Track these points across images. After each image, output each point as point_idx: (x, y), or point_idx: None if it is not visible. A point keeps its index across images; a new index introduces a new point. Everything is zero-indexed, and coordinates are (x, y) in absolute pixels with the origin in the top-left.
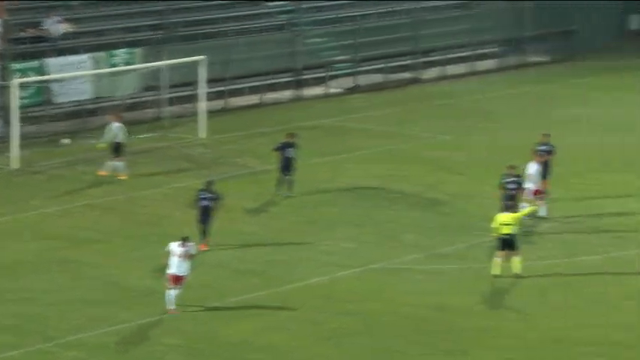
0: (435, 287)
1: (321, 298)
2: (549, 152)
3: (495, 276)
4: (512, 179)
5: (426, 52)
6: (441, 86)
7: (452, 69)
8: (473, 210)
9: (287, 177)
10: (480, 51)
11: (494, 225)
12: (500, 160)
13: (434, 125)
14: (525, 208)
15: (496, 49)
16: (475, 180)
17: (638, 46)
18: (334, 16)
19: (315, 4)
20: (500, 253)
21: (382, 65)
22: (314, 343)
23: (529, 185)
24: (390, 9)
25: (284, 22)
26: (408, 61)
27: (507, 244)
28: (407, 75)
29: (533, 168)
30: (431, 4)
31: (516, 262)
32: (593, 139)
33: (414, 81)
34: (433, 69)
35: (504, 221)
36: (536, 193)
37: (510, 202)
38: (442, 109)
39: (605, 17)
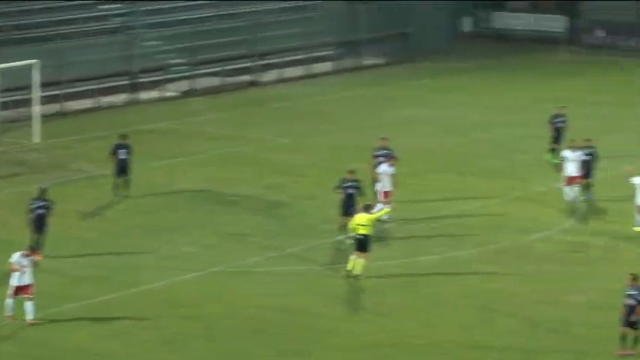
0: (278, 289)
1: (163, 302)
2: (388, 157)
3: (348, 272)
4: (350, 184)
5: (264, 55)
6: (279, 89)
7: (289, 72)
8: (313, 212)
9: (123, 179)
10: (316, 54)
11: (351, 225)
12: (339, 161)
13: (272, 128)
14: (380, 210)
15: (332, 52)
16: (315, 182)
17: (471, 47)
18: (170, 18)
19: (151, 7)
20: (356, 253)
21: (219, 68)
22: (155, 348)
23: (380, 187)
24: (227, 12)
25: (119, 25)
26: (246, 64)
27: (360, 244)
28: (245, 78)
29: (382, 169)
30: (267, 6)
31: (359, 264)
32: (430, 141)
33: (252, 84)
34: (271, 72)
35: (360, 222)
36: (386, 195)
37: (351, 206)
38: (280, 111)
39: (439, 19)
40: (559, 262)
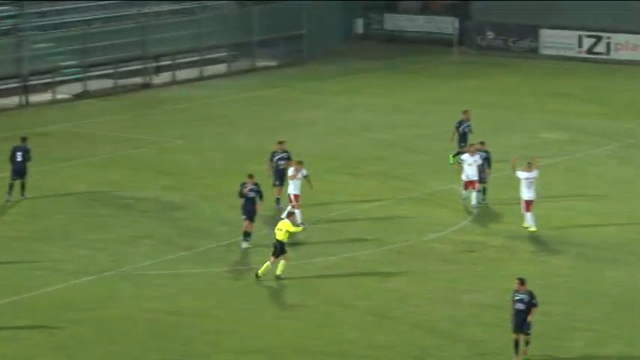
0: (173, 292)
1: (56, 306)
2: (288, 159)
3: (257, 276)
4: (251, 187)
5: (156, 58)
6: (172, 91)
7: (182, 74)
8: (208, 214)
9: (20, 181)
10: (209, 56)
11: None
12: (234, 163)
13: (166, 130)
14: (298, 225)
15: (225, 54)
16: (209, 184)
17: (364, 49)
18: (60, 20)
19: (41, 9)
20: (271, 257)
21: (112, 70)
22: (48, 352)
23: (291, 190)
24: (117, 14)
25: (9, 27)
26: (139, 67)
27: (275, 249)
28: (137, 80)
29: (291, 172)
30: (159, 9)
31: (280, 265)
32: (324, 142)
33: (145, 86)
34: (164, 74)
35: (279, 227)
36: (297, 198)
37: (251, 210)
38: (174, 114)
39: (332, 21)
40: (455, 262)
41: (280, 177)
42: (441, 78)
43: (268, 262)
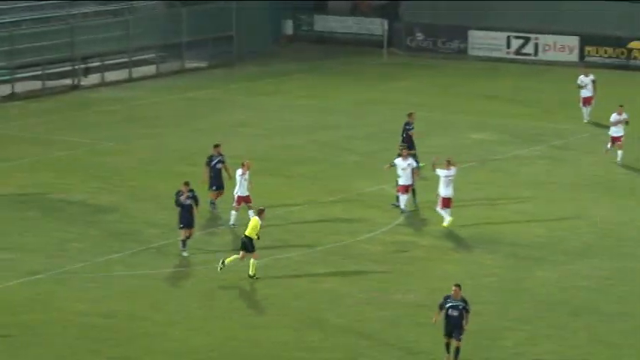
0: (103, 294)
1: None
2: (223, 162)
3: (220, 267)
4: (187, 194)
5: (85, 59)
6: (102, 93)
7: (111, 75)
8: (138, 216)
9: None
10: (138, 57)
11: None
12: (164, 165)
13: (96, 132)
14: (257, 213)
15: (154, 55)
16: (139, 186)
17: (294, 51)
18: None
19: None
20: (241, 253)
21: (40, 72)
22: None
23: (236, 191)
24: (45, 15)
25: None
26: (67, 68)
27: (243, 244)
28: (66, 82)
29: (239, 174)
30: (87, 10)
31: (251, 264)
32: (255, 144)
33: (74, 88)
34: (93, 75)
35: (249, 224)
36: (240, 200)
37: (189, 218)
38: (104, 115)
39: (262, 22)
40: (386, 262)
41: (217, 181)
42: (370, 79)
43: (237, 255)
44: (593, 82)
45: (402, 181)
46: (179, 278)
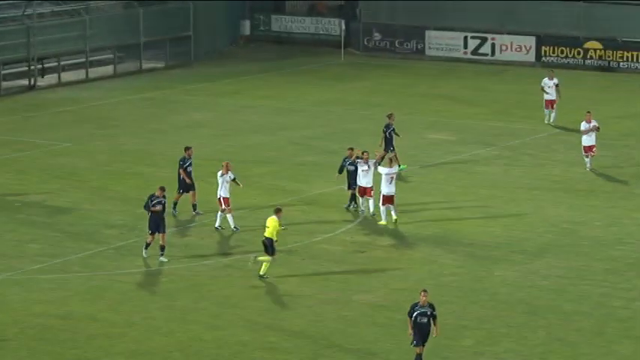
0: (61, 296)
1: None
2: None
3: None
4: (158, 200)
5: (42, 59)
6: (59, 93)
7: (68, 76)
8: (96, 217)
9: None
10: (95, 57)
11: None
12: (122, 165)
13: (53, 133)
14: (275, 212)
15: (111, 56)
16: (97, 186)
17: (252, 51)
18: None
19: None
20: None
21: None
22: None
23: (222, 193)
24: (1, 15)
25: None
26: (23, 69)
27: (264, 246)
28: (23, 82)
29: (219, 175)
30: (43, 10)
31: (263, 264)
32: (213, 145)
33: (30, 88)
34: (49, 76)
35: (267, 224)
36: (226, 201)
37: (160, 223)
38: (61, 116)
39: (219, 23)
40: (345, 263)
41: (185, 184)
42: (328, 79)
43: (268, 257)
44: (557, 85)
45: (362, 183)
46: (138, 279)
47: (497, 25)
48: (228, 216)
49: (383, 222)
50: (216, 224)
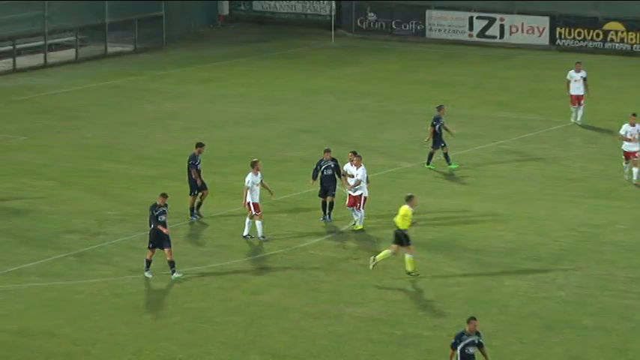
0: (15, 309)
1: None
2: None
3: (374, 260)
4: (162, 210)
5: None
6: (13, 81)
7: (25, 61)
8: (57, 219)
9: None
10: (55, 40)
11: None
12: (86, 162)
13: (6, 125)
14: (407, 200)
15: (73, 39)
16: (57, 185)
17: (231, 33)
18: None
19: None
20: (392, 246)
21: None
22: None
23: (249, 199)
24: None
25: None
26: None
27: (396, 238)
28: None
29: (251, 179)
30: None
31: (408, 261)
32: (187, 138)
33: None
34: (3, 61)
35: (400, 213)
36: (256, 207)
37: (164, 236)
38: (16, 106)
39: (195, 1)
40: (336, 271)
41: (197, 185)
42: (316, 65)
43: (388, 250)
44: (584, 79)
45: (350, 191)
46: (103, 290)
47: (507, 4)
48: (257, 223)
49: (358, 226)
50: (245, 232)
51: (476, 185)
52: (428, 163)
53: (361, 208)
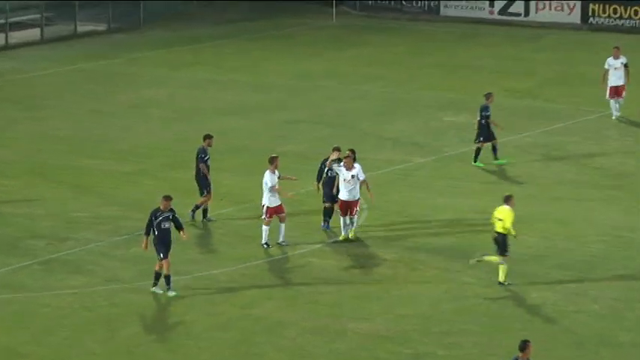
0: None
1: None
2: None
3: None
4: (165, 215)
5: None
6: None
7: None
8: (21, 223)
9: None
10: (17, 18)
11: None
12: (55, 156)
13: None
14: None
15: (38, 16)
16: (21, 185)
17: (217, 10)
18: None
19: None
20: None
21: None
22: None
23: (265, 201)
24: None
25: None
26: None
27: (496, 243)
28: None
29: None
30: None
31: (501, 269)
32: (167, 130)
33: None
34: None
35: (497, 216)
36: (274, 211)
37: (167, 244)
38: None
39: None
40: (339, 281)
41: (207, 181)
42: (315, 46)
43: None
44: (626, 65)
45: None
46: (72, 302)
47: None
48: (264, 227)
49: (343, 236)
50: (280, 239)
51: (496, 183)
52: (475, 160)
53: (355, 214)
